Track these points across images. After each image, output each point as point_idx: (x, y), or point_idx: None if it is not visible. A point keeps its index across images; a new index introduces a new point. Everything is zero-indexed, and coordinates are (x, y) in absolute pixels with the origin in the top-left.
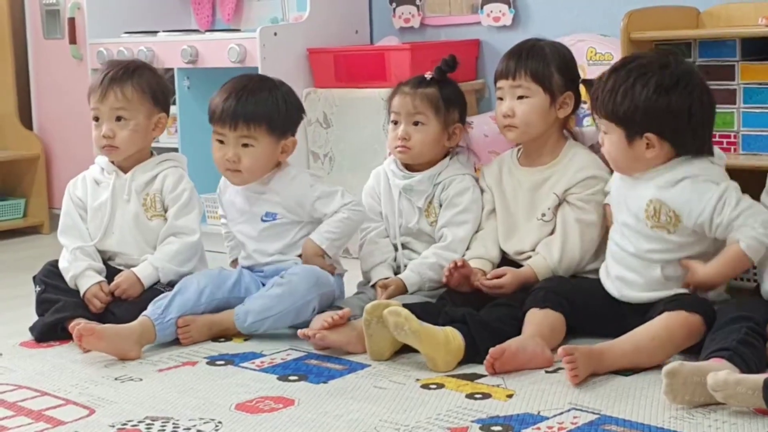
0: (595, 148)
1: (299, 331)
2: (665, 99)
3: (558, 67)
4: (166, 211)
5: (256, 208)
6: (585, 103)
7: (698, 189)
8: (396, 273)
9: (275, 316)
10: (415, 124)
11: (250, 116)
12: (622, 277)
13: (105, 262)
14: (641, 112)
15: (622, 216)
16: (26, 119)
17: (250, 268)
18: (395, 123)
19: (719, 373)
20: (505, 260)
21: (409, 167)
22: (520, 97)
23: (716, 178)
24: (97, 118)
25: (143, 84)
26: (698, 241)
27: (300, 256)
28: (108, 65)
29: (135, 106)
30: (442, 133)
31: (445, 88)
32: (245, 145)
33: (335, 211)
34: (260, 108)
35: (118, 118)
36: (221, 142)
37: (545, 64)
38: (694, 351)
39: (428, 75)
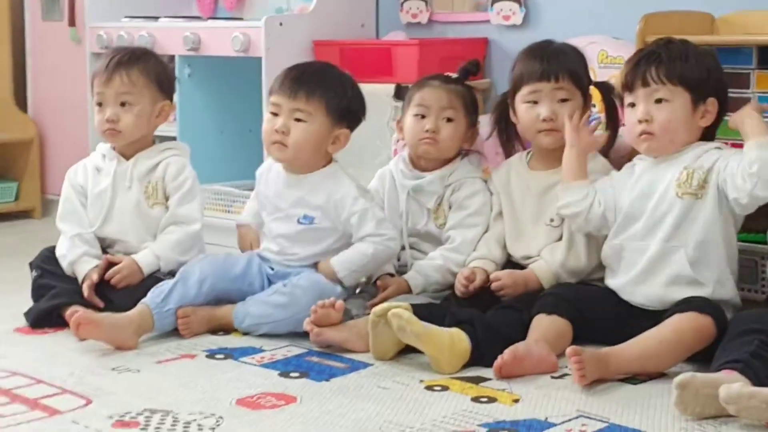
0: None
1: (305, 321)
2: (721, 68)
3: (585, 70)
4: (167, 199)
5: (294, 210)
6: (594, 106)
7: (728, 150)
8: (402, 272)
9: (273, 323)
10: (445, 119)
11: (312, 89)
12: (641, 274)
13: (104, 250)
14: (712, 76)
15: (649, 205)
16: (21, 102)
17: (266, 259)
18: (421, 116)
19: (733, 385)
20: (513, 264)
21: (419, 167)
22: (563, 100)
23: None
24: (100, 103)
25: (149, 70)
26: (723, 218)
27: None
28: (114, 50)
29: (140, 91)
30: (466, 132)
31: (469, 90)
32: (298, 120)
33: (364, 236)
34: (324, 84)
35: (123, 104)
36: (275, 114)
37: (579, 66)
38: (702, 357)
39: (452, 75)
